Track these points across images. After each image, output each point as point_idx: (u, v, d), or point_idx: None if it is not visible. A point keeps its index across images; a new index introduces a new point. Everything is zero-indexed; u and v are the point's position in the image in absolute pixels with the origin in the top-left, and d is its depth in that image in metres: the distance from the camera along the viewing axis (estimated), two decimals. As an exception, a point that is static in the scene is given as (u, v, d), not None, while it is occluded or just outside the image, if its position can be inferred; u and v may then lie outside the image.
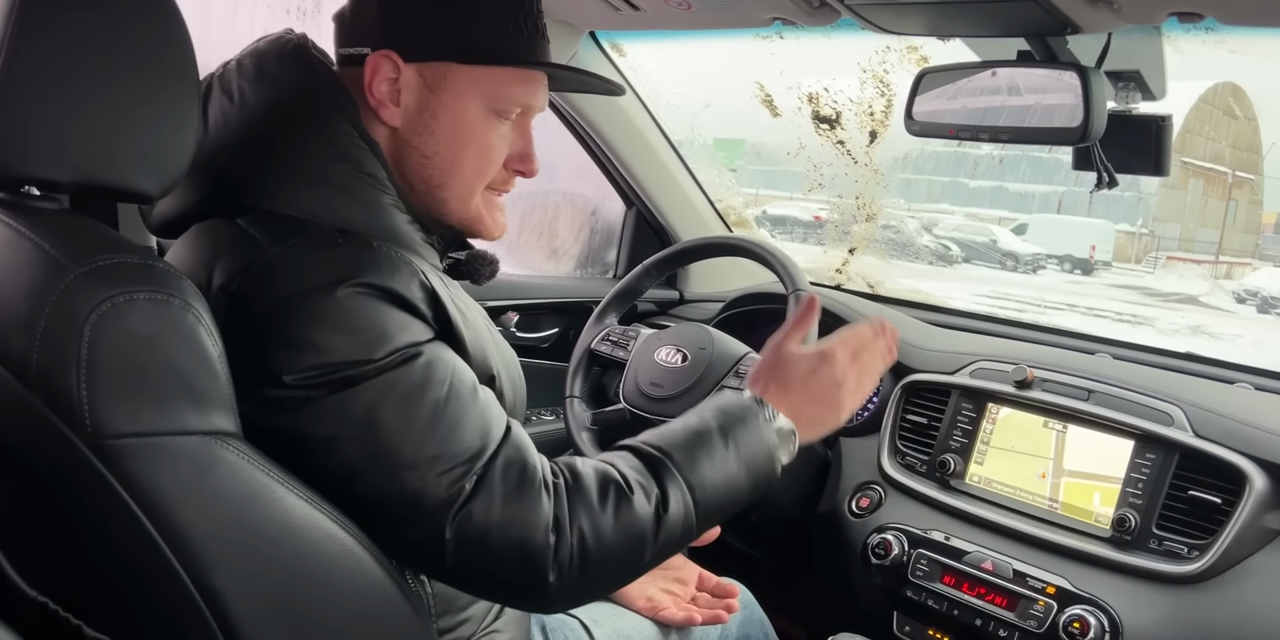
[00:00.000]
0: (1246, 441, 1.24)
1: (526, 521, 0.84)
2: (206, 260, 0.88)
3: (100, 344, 0.70)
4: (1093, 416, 1.35)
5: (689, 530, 0.92)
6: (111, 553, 0.75)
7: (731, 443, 0.95)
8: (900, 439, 1.55)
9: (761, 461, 0.97)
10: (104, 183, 0.77)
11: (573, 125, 1.98)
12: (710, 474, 0.93)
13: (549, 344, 2.06)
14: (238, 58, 0.98)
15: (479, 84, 0.97)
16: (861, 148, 2.84)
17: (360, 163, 0.94)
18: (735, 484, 0.95)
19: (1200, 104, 16.84)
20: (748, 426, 0.97)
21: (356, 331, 0.83)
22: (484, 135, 0.99)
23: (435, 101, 0.96)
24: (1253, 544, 1.20)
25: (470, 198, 1.01)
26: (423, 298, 0.88)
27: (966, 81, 1.27)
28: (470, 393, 0.88)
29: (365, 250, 0.87)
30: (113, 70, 0.75)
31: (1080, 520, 1.33)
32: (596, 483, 0.89)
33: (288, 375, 0.81)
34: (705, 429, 0.96)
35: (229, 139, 0.94)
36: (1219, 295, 13.55)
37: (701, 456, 0.93)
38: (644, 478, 0.91)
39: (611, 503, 0.88)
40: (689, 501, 0.91)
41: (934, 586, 1.35)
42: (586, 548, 0.86)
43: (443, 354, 0.89)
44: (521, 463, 0.87)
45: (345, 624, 0.83)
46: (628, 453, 0.95)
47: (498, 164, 1.01)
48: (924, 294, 2.93)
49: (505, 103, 0.99)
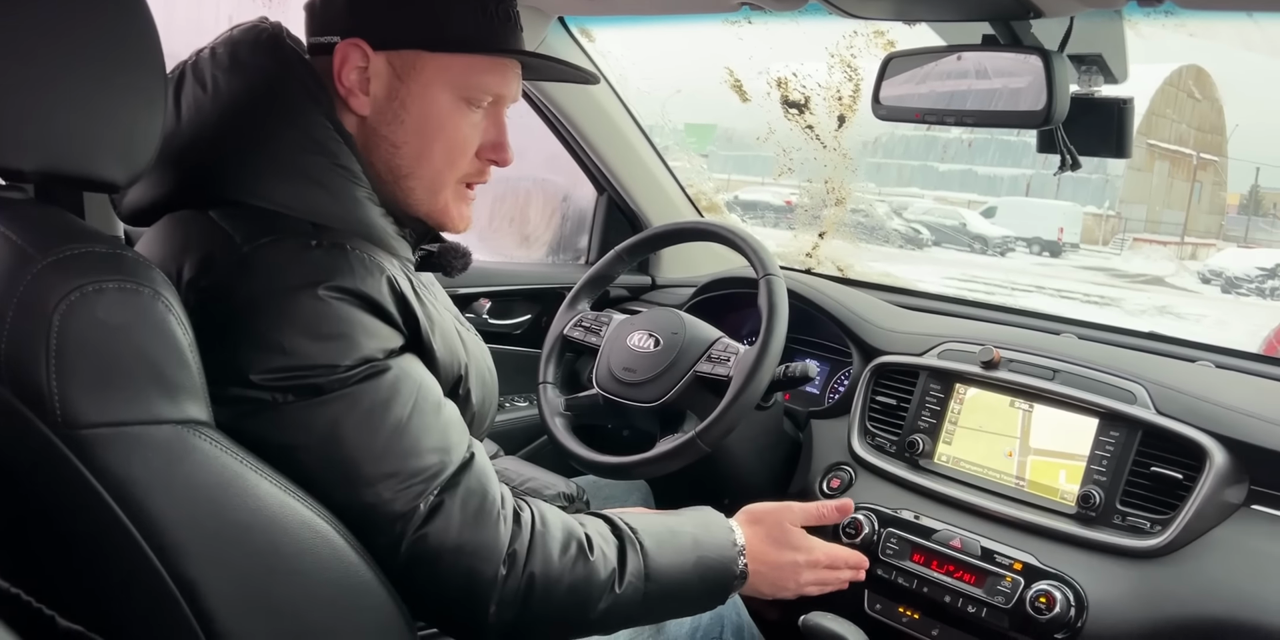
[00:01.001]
0: (1207, 418, 1.27)
1: (480, 552, 0.86)
2: (176, 253, 0.87)
3: (69, 334, 0.69)
4: (1058, 395, 1.37)
5: (633, 611, 0.97)
6: (85, 543, 0.75)
7: (700, 551, 1.02)
8: (870, 420, 1.57)
9: (718, 577, 1.04)
10: (70, 172, 0.76)
11: (543, 111, 1.97)
12: (670, 569, 0.98)
13: (522, 331, 2.07)
14: (211, 46, 0.97)
15: (449, 72, 0.96)
16: (830, 132, 2.85)
17: (334, 155, 0.93)
18: (687, 585, 1.01)
19: (1165, 87, 17.02)
20: (719, 545, 1.05)
21: (326, 337, 0.83)
22: (454, 124, 0.98)
23: (404, 90, 0.96)
24: (1213, 518, 1.22)
25: (440, 189, 1.00)
26: (393, 302, 0.88)
27: (932, 66, 1.28)
28: (434, 410, 0.89)
29: (338, 253, 0.87)
30: (78, 59, 0.74)
31: (1046, 498, 1.35)
32: (563, 533, 0.92)
33: (254, 374, 0.81)
34: (681, 530, 1.03)
35: (202, 129, 0.93)
36: (1184, 276, 13.74)
37: (668, 550, 0.99)
38: (609, 548, 0.95)
39: (571, 557, 0.91)
40: (642, 586, 0.95)
41: (904, 564, 1.37)
42: (534, 590, 0.88)
43: (410, 368, 0.89)
44: (482, 492, 0.89)
45: (322, 611, 0.83)
46: (603, 522, 0.99)
47: (468, 154, 1.00)
48: (894, 277, 2.96)
49: (476, 91, 0.98)
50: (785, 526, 1.15)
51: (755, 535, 1.12)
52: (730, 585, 1.06)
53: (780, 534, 1.14)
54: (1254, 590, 1.14)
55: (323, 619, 0.84)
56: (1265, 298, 12.20)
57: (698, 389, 1.42)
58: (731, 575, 1.06)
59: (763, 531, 1.13)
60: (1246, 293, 12.42)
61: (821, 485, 1.55)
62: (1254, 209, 19.35)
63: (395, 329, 0.89)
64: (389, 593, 0.87)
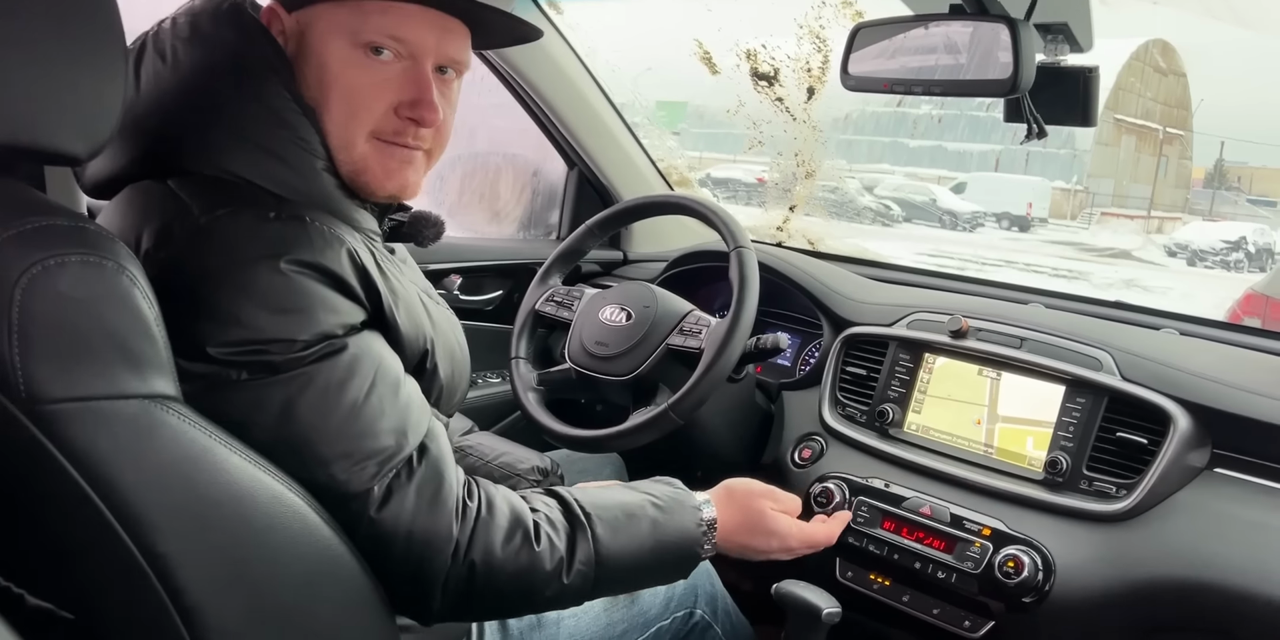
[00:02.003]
0: (1171, 384, 1.29)
1: (431, 541, 0.86)
2: (136, 224, 0.86)
3: (31, 309, 0.68)
4: (1025, 363, 1.39)
5: (582, 594, 0.97)
6: (53, 521, 0.75)
7: (659, 534, 1.00)
8: (840, 390, 1.58)
9: (677, 559, 1.03)
10: (29, 145, 0.75)
11: (512, 85, 1.96)
12: (623, 555, 0.97)
13: (493, 306, 2.06)
14: (173, 16, 0.96)
15: (338, 17, 0.93)
16: (800, 105, 2.85)
17: (293, 127, 0.92)
18: (642, 568, 1.00)
19: (1132, 61, 17.13)
20: (682, 527, 1.03)
21: (284, 310, 0.82)
22: (350, 74, 0.93)
23: (307, 46, 0.94)
24: (1177, 482, 1.25)
25: (350, 145, 0.95)
26: (354, 275, 0.87)
27: (900, 36, 1.28)
28: (392, 390, 0.88)
29: (297, 225, 0.86)
30: (36, 30, 0.73)
31: (1014, 464, 1.37)
32: (508, 521, 0.91)
33: (211, 347, 0.80)
34: (641, 513, 1.01)
35: (162, 100, 0.92)
36: (1151, 249, 13.92)
37: (623, 536, 0.98)
38: (557, 535, 0.94)
39: (515, 546, 0.90)
40: (592, 573, 0.95)
41: (875, 532, 1.39)
42: (474, 580, 0.88)
43: (370, 345, 0.88)
44: (439, 478, 0.89)
45: (294, 584, 0.83)
46: (556, 502, 0.98)
47: (373, 107, 0.94)
48: (865, 251, 2.97)
49: (369, 34, 0.92)
50: (765, 512, 1.13)
51: (731, 519, 1.10)
52: (692, 565, 1.05)
53: (757, 520, 1.13)
54: (1216, 552, 1.17)
55: (295, 592, 0.83)
56: (1229, 270, 12.39)
57: (670, 362, 1.43)
58: (694, 556, 1.04)
59: (739, 516, 1.11)
60: (1211, 265, 12.60)
61: (793, 455, 1.56)
62: (1218, 182, 19.60)
63: (356, 303, 0.88)
64: (361, 566, 0.87)
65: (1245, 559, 1.14)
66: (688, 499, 1.07)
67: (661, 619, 1.25)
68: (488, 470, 1.26)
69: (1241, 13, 1.78)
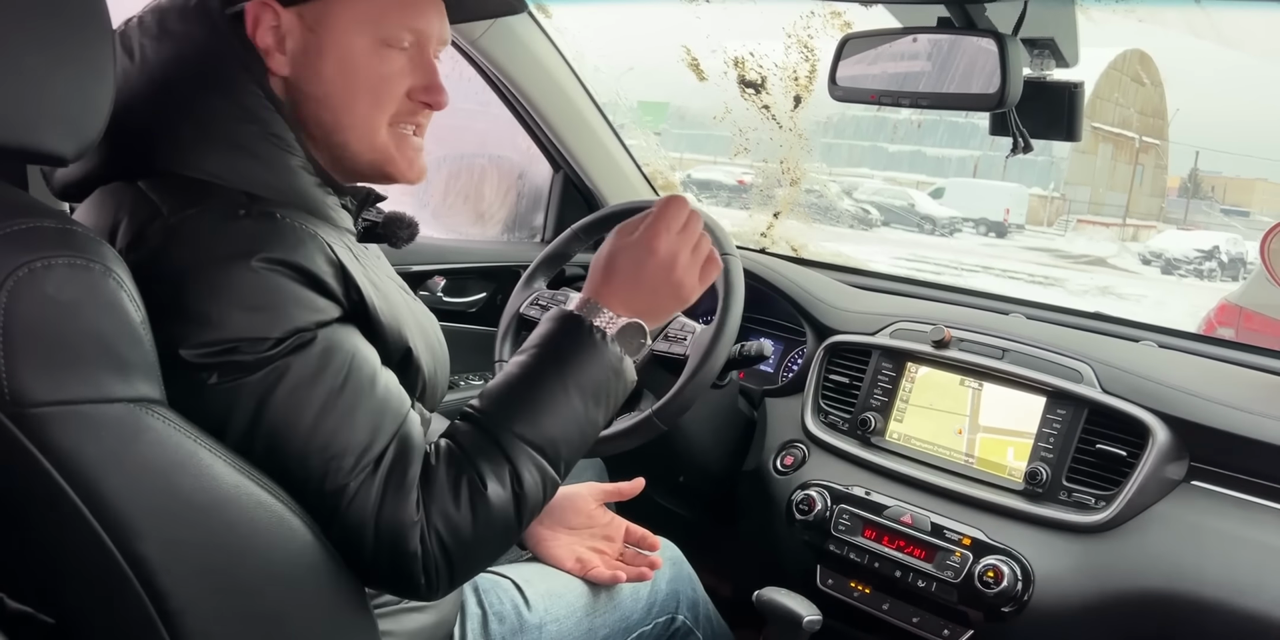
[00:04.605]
0: (1150, 396, 1.30)
1: (397, 528, 0.85)
2: (108, 226, 0.85)
3: (17, 312, 0.68)
4: (1007, 374, 1.40)
5: (552, 484, 0.93)
6: (35, 524, 0.74)
7: (569, 381, 0.93)
8: (823, 398, 1.59)
9: (606, 377, 0.96)
10: (15, 144, 0.74)
11: (498, 87, 1.95)
12: (555, 426, 0.92)
13: (477, 309, 2.05)
14: (140, 14, 0.94)
15: (359, 13, 0.93)
16: (786, 112, 2.86)
17: (267, 123, 0.91)
18: (583, 421, 0.94)
19: (1110, 71, 17.29)
20: (580, 353, 0.95)
21: (256, 308, 0.81)
22: (375, 68, 0.94)
23: (318, 41, 0.93)
24: (1155, 493, 1.26)
25: (373, 134, 0.96)
26: (330, 272, 0.86)
27: (888, 47, 1.29)
28: (368, 382, 0.87)
29: (268, 222, 0.85)
30: (24, 30, 0.72)
31: (995, 474, 1.38)
32: (449, 481, 0.88)
33: (184, 349, 0.79)
34: (539, 374, 0.94)
35: (131, 99, 0.89)
36: (1126, 257, 14.05)
37: (543, 411, 0.92)
38: (492, 459, 0.89)
39: (466, 500, 0.87)
40: (542, 464, 0.91)
41: (856, 540, 1.40)
42: (447, 547, 0.86)
43: (343, 338, 0.87)
44: (404, 467, 0.86)
45: (277, 588, 0.83)
46: (471, 427, 0.92)
47: (396, 95, 0.96)
48: (847, 257, 2.98)
49: (392, 29, 0.94)
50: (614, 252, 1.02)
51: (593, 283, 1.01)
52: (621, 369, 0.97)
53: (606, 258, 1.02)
54: (1193, 563, 1.18)
55: (278, 596, 0.83)
56: (1202, 279, 12.52)
57: (654, 367, 1.43)
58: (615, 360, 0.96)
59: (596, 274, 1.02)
60: (1185, 274, 12.73)
61: (775, 462, 1.57)
62: (1193, 192, 19.81)
63: (331, 300, 0.86)
64: (344, 570, 0.86)
65: (1221, 571, 1.16)
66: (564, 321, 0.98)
67: (643, 624, 1.26)
68: None
69: (1225, 33, 1.80)
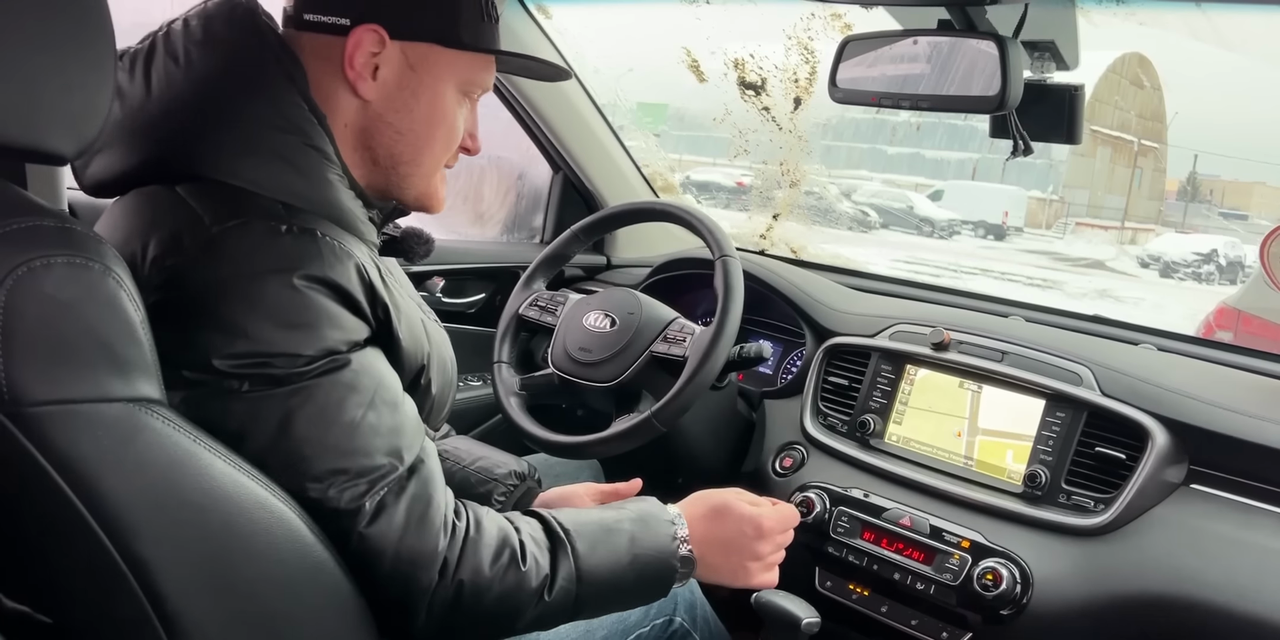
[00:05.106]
0: (1149, 399, 1.30)
1: (418, 560, 0.87)
2: (143, 230, 0.86)
3: (16, 310, 0.67)
4: (1006, 377, 1.40)
5: (565, 614, 0.97)
6: (32, 523, 0.74)
7: (635, 549, 1.00)
8: (822, 400, 1.59)
9: (656, 572, 1.02)
10: (14, 143, 0.74)
11: (500, 89, 1.95)
12: (602, 570, 0.97)
13: (476, 310, 2.05)
14: (184, 18, 0.95)
15: (457, 67, 0.99)
16: (786, 114, 2.85)
17: (307, 135, 0.92)
18: (622, 584, 0.99)
19: (1109, 74, 17.30)
20: (658, 539, 1.03)
21: (291, 325, 0.83)
22: (454, 116, 1.02)
23: (416, 80, 0.97)
24: (1154, 497, 1.26)
25: (433, 172, 1.04)
26: (362, 291, 0.88)
27: (888, 49, 1.29)
28: (390, 408, 0.89)
29: (309, 239, 0.86)
30: (25, 29, 0.72)
31: (994, 477, 1.38)
32: (496, 541, 0.92)
33: (216, 359, 0.80)
34: (618, 528, 1.01)
35: (174, 103, 0.91)
36: (1124, 260, 14.06)
37: (602, 550, 0.98)
38: (541, 553, 0.94)
39: (502, 566, 0.91)
40: (574, 589, 0.95)
41: (854, 542, 1.40)
42: (461, 599, 0.89)
43: (371, 363, 0.89)
44: (428, 498, 0.89)
45: (276, 591, 0.82)
46: (537, 522, 0.98)
47: (459, 141, 1.05)
48: (845, 259, 2.98)
49: (474, 86, 1.03)
50: (728, 500, 1.11)
51: (695, 513, 1.09)
52: (670, 579, 1.04)
53: (721, 506, 1.10)
54: (1192, 567, 1.18)
55: (277, 599, 0.83)
56: (1200, 282, 12.52)
57: (653, 369, 1.43)
58: (671, 569, 1.03)
59: (704, 508, 1.10)
60: (1183, 277, 12.73)
61: (774, 464, 1.56)
62: (1192, 195, 19.82)
63: (363, 320, 0.88)
64: (345, 574, 0.86)
65: (1220, 574, 1.16)
66: (660, 513, 1.07)
67: (641, 626, 1.25)
68: (464, 474, 1.26)
69: (1226, 36, 1.80)
